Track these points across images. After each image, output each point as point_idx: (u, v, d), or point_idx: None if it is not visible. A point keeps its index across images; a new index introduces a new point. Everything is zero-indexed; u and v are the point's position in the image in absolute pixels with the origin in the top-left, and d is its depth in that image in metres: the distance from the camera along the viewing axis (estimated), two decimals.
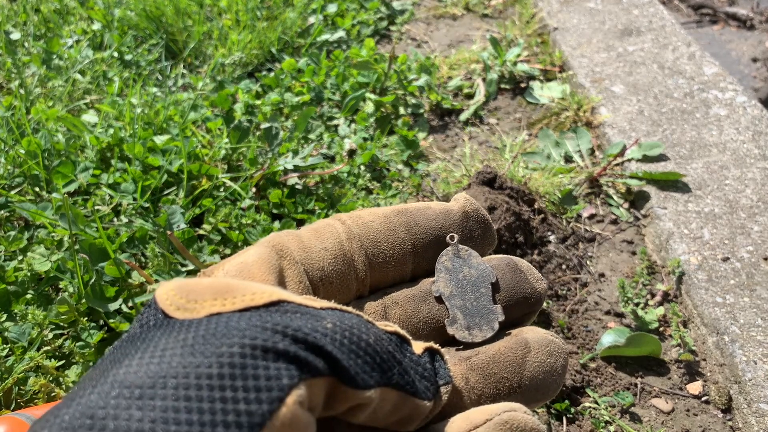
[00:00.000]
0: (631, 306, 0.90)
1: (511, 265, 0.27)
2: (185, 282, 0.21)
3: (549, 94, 1.37)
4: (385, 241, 0.26)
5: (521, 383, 0.24)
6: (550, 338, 0.26)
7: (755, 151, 1.14)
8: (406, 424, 0.22)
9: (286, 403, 0.16)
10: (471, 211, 0.28)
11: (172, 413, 0.15)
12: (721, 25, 1.76)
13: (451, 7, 1.78)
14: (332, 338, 0.19)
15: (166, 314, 0.19)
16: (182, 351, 0.17)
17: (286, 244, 0.25)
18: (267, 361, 0.17)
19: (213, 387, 0.16)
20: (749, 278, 0.90)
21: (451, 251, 0.27)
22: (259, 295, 0.20)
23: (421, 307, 0.26)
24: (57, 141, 1.05)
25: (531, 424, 0.22)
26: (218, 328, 0.18)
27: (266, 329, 0.18)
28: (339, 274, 0.25)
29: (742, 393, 0.77)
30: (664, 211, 1.03)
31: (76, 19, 1.58)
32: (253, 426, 0.16)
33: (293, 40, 1.54)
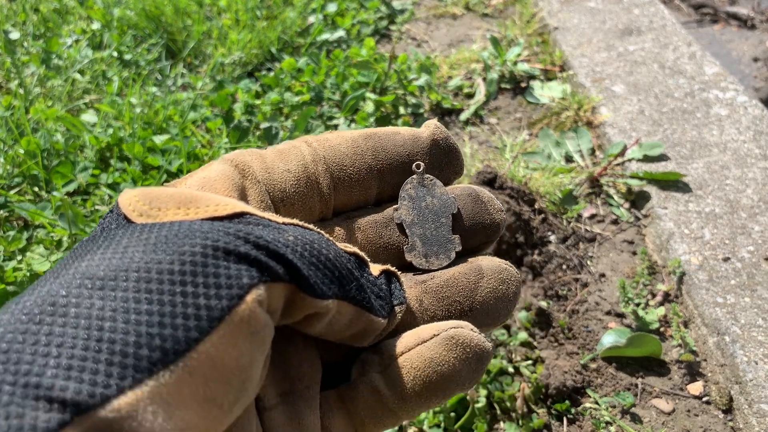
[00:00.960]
0: (632, 306, 0.90)
1: (473, 195, 0.28)
2: (149, 189, 0.21)
3: (549, 93, 1.37)
4: (352, 165, 0.26)
5: (473, 307, 0.25)
6: (504, 266, 0.26)
7: (756, 151, 1.14)
8: (360, 339, 0.23)
9: (245, 300, 0.17)
10: (440, 138, 0.28)
11: (133, 303, 0.16)
12: (721, 25, 1.75)
13: (451, 7, 1.77)
14: (293, 249, 0.19)
15: (128, 219, 0.19)
16: (144, 248, 0.17)
17: (248, 162, 0.25)
18: (228, 262, 0.17)
19: (174, 282, 0.16)
20: (750, 278, 0.90)
21: (416, 180, 0.27)
22: (223, 207, 0.20)
23: (382, 232, 0.27)
24: (56, 141, 1.04)
25: (476, 340, 0.23)
26: (181, 229, 0.18)
27: (229, 234, 0.18)
28: (301, 196, 0.25)
29: (742, 393, 0.76)
30: (665, 211, 1.02)
31: (75, 19, 1.58)
32: (212, 319, 0.16)
33: (293, 39, 1.54)
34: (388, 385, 0.23)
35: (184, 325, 0.16)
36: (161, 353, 0.15)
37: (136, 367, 0.15)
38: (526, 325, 0.87)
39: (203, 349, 0.16)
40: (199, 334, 0.16)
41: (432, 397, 0.23)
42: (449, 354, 0.22)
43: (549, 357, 0.83)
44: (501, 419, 0.76)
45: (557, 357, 0.84)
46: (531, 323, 0.87)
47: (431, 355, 0.22)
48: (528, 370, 0.81)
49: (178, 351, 0.15)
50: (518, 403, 0.77)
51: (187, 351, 0.16)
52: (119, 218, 0.20)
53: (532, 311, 0.88)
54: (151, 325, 0.16)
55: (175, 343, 0.16)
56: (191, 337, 0.16)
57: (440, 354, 0.22)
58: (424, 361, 0.23)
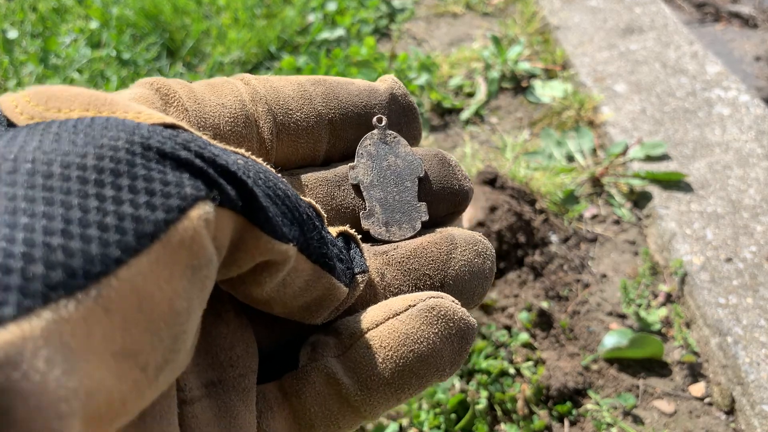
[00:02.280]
0: (634, 307, 0.89)
1: (440, 156, 0.24)
2: (45, 87, 0.15)
3: (551, 93, 1.36)
4: (299, 110, 0.22)
5: (444, 282, 0.21)
6: (478, 237, 0.22)
7: (759, 151, 1.13)
8: (314, 312, 0.18)
9: (188, 216, 0.12)
10: (399, 94, 0.24)
11: (24, 203, 0.11)
12: (723, 24, 1.75)
13: (451, 6, 1.77)
14: (245, 172, 0.14)
15: (12, 124, 0.14)
16: (42, 138, 0.12)
17: (173, 88, 0.20)
18: (164, 167, 0.13)
19: (86, 180, 0.12)
20: (752, 279, 0.89)
21: (377, 135, 0.23)
22: (147, 114, 0.14)
23: (334, 193, 0.22)
24: None
25: (460, 313, 0.19)
26: (96, 122, 0.13)
27: (163, 136, 0.13)
28: (238, 137, 0.20)
29: (745, 395, 0.76)
30: (667, 211, 1.02)
31: (73, 18, 1.57)
32: (142, 235, 0.11)
33: (292, 38, 1.53)
34: (348, 371, 0.18)
35: (101, 238, 0.11)
36: (65, 274, 0.10)
37: (24, 289, 0.10)
38: (527, 326, 0.86)
39: (126, 275, 0.11)
40: (121, 253, 0.11)
41: (405, 385, 0.18)
42: (429, 329, 0.18)
43: (550, 358, 0.83)
44: (502, 421, 0.76)
45: (558, 358, 0.83)
46: (532, 324, 0.87)
47: (406, 330, 0.18)
48: (529, 371, 0.80)
49: (91, 273, 0.11)
50: (519, 404, 0.76)
51: (103, 274, 0.11)
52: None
53: (533, 312, 0.87)
54: (50, 232, 0.10)
55: (87, 263, 0.11)
56: (110, 256, 0.11)
57: (418, 328, 0.18)
58: (397, 337, 0.18)
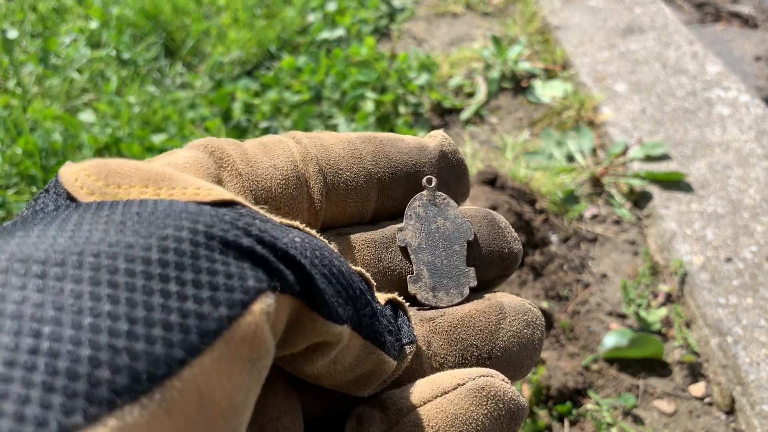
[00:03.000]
0: (634, 307, 0.89)
1: (490, 218, 0.23)
2: (103, 162, 0.15)
3: (551, 92, 1.36)
4: (349, 169, 0.21)
5: (492, 354, 0.20)
6: (527, 306, 0.22)
7: (759, 151, 1.13)
8: (363, 385, 0.18)
9: (251, 310, 0.12)
10: (449, 152, 0.24)
11: (90, 301, 0.11)
12: (723, 24, 1.75)
13: (451, 5, 1.77)
14: (303, 253, 0.14)
15: (73, 199, 0.14)
16: (107, 227, 0.12)
17: (227, 150, 0.20)
18: (227, 257, 0.13)
19: (151, 276, 0.11)
20: (752, 279, 0.89)
21: (425, 196, 0.23)
22: (206, 191, 0.14)
23: (382, 255, 0.22)
24: (54, 140, 1.04)
25: (511, 394, 0.18)
26: (159, 207, 0.13)
27: (224, 221, 0.13)
28: (289, 199, 0.20)
29: (745, 395, 0.76)
30: (667, 211, 1.02)
31: (73, 17, 1.57)
32: (205, 333, 0.11)
33: (292, 38, 1.53)
34: None
35: (165, 338, 0.11)
36: (130, 378, 0.10)
37: (91, 396, 0.10)
38: None
39: (190, 375, 0.11)
40: (185, 354, 0.11)
41: None
42: (478, 410, 0.18)
43: (550, 358, 0.83)
44: None
45: (558, 358, 0.83)
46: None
47: (455, 411, 0.18)
48: None
49: (155, 376, 0.10)
50: None
51: (167, 377, 0.11)
52: (59, 198, 0.14)
53: None
54: (115, 334, 0.10)
55: (151, 365, 0.10)
56: (174, 357, 0.11)
57: (467, 410, 0.18)
58: (445, 418, 0.18)
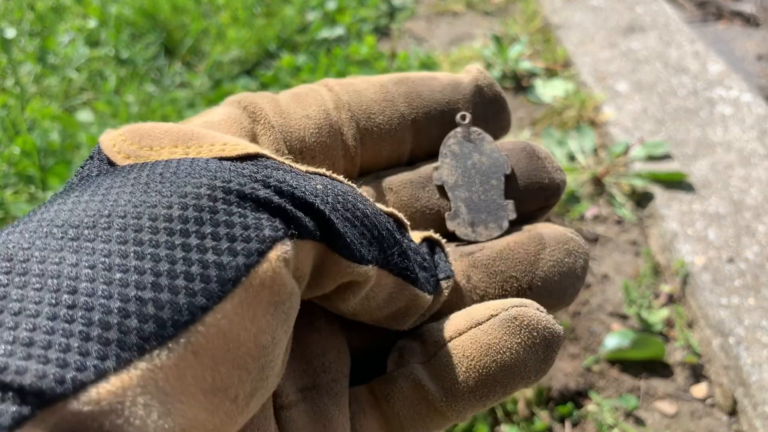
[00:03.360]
0: (635, 308, 0.89)
1: (528, 150, 0.23)
2: (138, 125, 0.17)
3: (552, 92, 1.35)
4: (381, 113, 0.22)
5: (532, 284, 0.21)
6: (569, 235, 0.22)
7: (761, 151, 1.13)
8: (400, 320, 0.19)
9: (267, 258, 0.13)
10: (485, 85, 0.23)
11: (118, 258, 0.12)
12: (725, 23, 1.74)
13: (452, 4, 1.76)
14: (323, 199, 0.15)
15: (112, 163, 0.16)
16: (133, 189, 0.14)
17: (260, 104, 0.21)
18: (244, 209, 0.14)
19: (173, 231, 0.13)
20: (755, 279, 0.89)
21: (460, 133, 0.22)
22: (232, 146, 0.16)
23: (419, 194, 0.22)
24: (52, 140, 1.03)
25: (545, 322, 0.18)
26: (181, 167, 0.14)
27: (243, 175, 0.14)
28: (323, 147, 0.21)
29: (747, 396, 0.75)
30: (669, 212, 1.01)
31: (71, 16, 1.56)
32: (224, 282, 0.13)
33: (292, 37, 1.52)
34: (433, 378, 0.19)
35: (187, 288, 0.12)
36: (156, 325, 0.12)
37: (122, 343, 0.11)
38: None
39: (212, 320, 0.12)
40: (207, 301, 0.12)
41: (490, 393, 0.18)
42: (512, 339, 0.18)
43: None
44: (502, 422, 0.75)
45: (559, 359, 0.83)
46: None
47: (489, 341, 0.18)
48: None
49: (179, 323, 0.12)
50: (520, 405, 0.76)
51: (191, 323, 0.12)
52: (101, 164, 0.16)
53: None
54: (141, 287, 0.12)
55: (175, 312, 0.12)
56: (197, 305, 0.12)
57: (500, 339, 0.18)
58: (480, 348, 0.18)
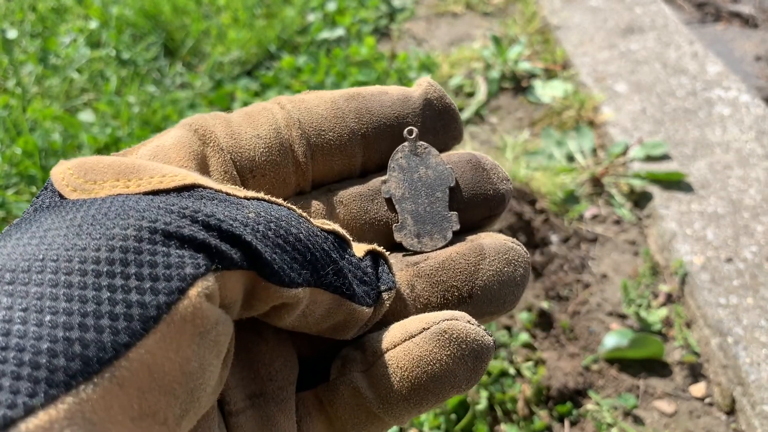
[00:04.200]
0: (634, 307, 0.89)
1: (474, 162, 0.24)
2: (85, 159, 0.18)
3: (551, 92, 1.36)
4: (331, 129, 0.23)
5: (473, 293, 0.22)
6: (510, 245, 0.23)
7: (759, 151, 1.13)
8: (341, 331, 0.20)
9: (188, 295, 0.14)
10: (434, 98, 0.24)
11: (49, 301, 0.13)
12: (724, 24, 1.75)
13: (451, 5, 1.76)
14: (254, 228, 0.16)
15: (61, 196, 0.17)
16: (67, 232, 0.15)
17: (210, 127, 0.22)
18: (168, 248, 0.15)
19: (100, 273, 0.14)
20: (753, 279, 0.89)
21: (407, 147, 0.24)
22: (170, 178, 0.17)
23: (368, 207, 0.23)
24: (53, 140, 1.03)
25: (474, 334, 0.20)
26: (112, 207, 0.16)
27: (171, 212, 0.16)
28: (273, 165, 0.22)
29: (745, 395, 0.76)
30: (668, 211, 1.02)
31: (73, 17, 1.57)
32: (146, 319, 0.14)
33: (292, 38, 1.53)
34: (371, 386, 0.20)
35: (111, 327, 0.13)
36: (82, 362, 0.13)
37: (50, 380, 0.12)
38: (527, 326, 0.86)
39: (136, 355, 0.13)
40: (129, 338, 0.13)
41: (422, 401, 0.20)
42: (441, 351, 0.19)
43: (550, 358, 0.83)
44: (502, 421, 0.76)
45: (559, 358, 0.83)
46: (532, 324, 0.86)
47: (420, 353, 0.19)
48: (529, 371, 0.80)
49: (104, 359, 0.13)
50: (519, 404, 0.76)
51: (115, 358, 0.13)
52: (53, 195, 0.17)
53: (534, 312, 0.87)
54: (69, 327, 0.13)
55: (100, 350, 0.13)
56: (120, 342, 0.13)
57: (430, 352, 0.19)
58: (412, 359, 0.19)
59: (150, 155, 0.21)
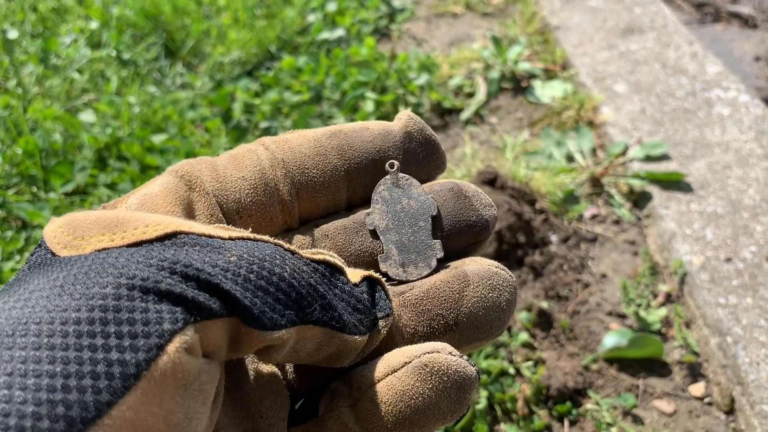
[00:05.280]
0: (634, 307, 0.89)
1: (455, 190, 0.24)
2: (74, 216, 0.19)
3: (551, 93, 1.36)
4: (315, 167, 0.24)
5: (458, 320, 0.22)
6: (494, 270, 0.23)
7: (758, 151, 1.13)
8: (336, 361, 0.21)
9: (166, 351, 0.15)
10: (414, 131, 0.25)
11: (32, 364, 0.14)
12: (723, 24, 1.75)
13: (451, 6, 1.77)
14: (234, 273, 0.17)
15: (53, 253, 0.17)
16: (50, 293, 0.15)
17: (195, 173, 0.23)
18: (147, 303, 0.15)
19: (81, 334, 0.14)
20: (752, 279, 0.89)
21: (389, 180, 0.25)
22: (153, 228, 0.18)
23: (353, 239, 0.24)
24: (54, 140, 1.04)
25: (455, 366, 0.20)
26: (93, 266, 0.16)
27: (150, 266, 0.16)
28: (259, 206, 0.23)
29: (744, 394, 0.76)
30: (667, 211, 1.02)
31: (73, 18, 1.57)
32: (126, 377, 0.14)
33: (292, 38, 1.53)
34: (358, 421, 0.20)
35: (93, 386, 0.14)
36: (66, 423, 0.13)
37: None
38: (527, 326, 0.86)
39: (118, 413, 0.14)
40: (111, 397, 0.14)
41: None
42: (423, 385, 0.20)
43: (550, 358, 0.83)
44: (502, 420, 0.76)
45: (558, 358, 0.83)
46: (532, 324, 0.87)
47: (402, 388, 0.20)
48: (529, 371, 0.80)
49: (87, 419, 0.13)
50: (519, 404, 0.76)
51: (98, 417, 0.13)
52: (46, 252, 0.18)
53: (533, 312, 0.87)
54: (52, 390, 0.13)
55: (83, 410, 0.13)
56: (102, 401, 0.14)
57: (412, 386, 0.20)
58: (395, 394, 0.20)
59: (138, 204, 0.21)
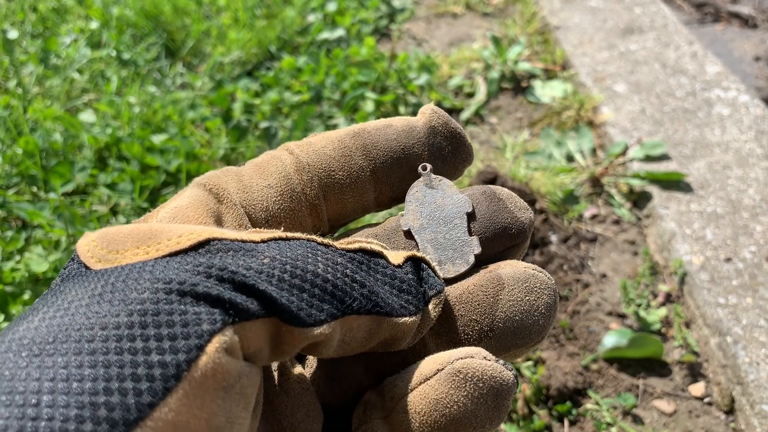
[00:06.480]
0: (633, 307, 0.89)
1: (488, 193, 0.24)
2: (107, 230, 0.19)
3: (551, 93, 1.36)
4: (340, 169, 0.23)
5: (494, 326, 0.21)
6: (530, 272, 0.22)
7: (758, 151, 1.13)
8: (393, 345, 0.20)
9: (206, 351, 0.15)
10: (438, 125, 0.25)
11: (74, 369, 0.14)
12: (723, 24, 1.75)
13: (451, 6, 1.77)
14: (269, 274, 0.17)
15: (87, 267, 0.18)
16: (89, 301, 0.16)
17: (222, 185, 0.23)
18: (185, 306, 0.15)
19: (121, 338, 0.14)
20: (752, 279, 0.89)
21: (422, 182, 0.24)
22: (186, 237, 0.18)
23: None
24: (54, 140, 1.04)
25: (490, 371, 0.19)
26: (131, 274, 0.16)
27: (186, 271, 0.16)
28: (288, 212, 0.23)
29: (744, 394, 0.76)
30: (667, 211, 1.02)
31: (73, 18, 1.57)
32: (167, 378, 0.14)
33: (292, 38, 1.53)
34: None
35: (135, 388, 0.14)
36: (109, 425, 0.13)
37: None
38: None
39: (160, 415, 0.14)
40: (152, 398, 0.14)
41: None
42: (457, 393, 0.19)
43: (550, 358, 0.83)
44: None
45: (558, 358, 0.83)
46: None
47: (436, 396, 0.19)
48: (529, 371, 0.80)
49: (129, 421, 0.13)
50: (519, 404, 0.76)
51: (140, 419, 0.13)
52: (80, 266, 0.18)
53: None
54: (94, 392, 0.13)
55: (125, 412, 0.13)
56: (143, 402, 0.14)
57: (446, 394, 0.19)
58: (429, 403, 0.19)
59: (170, 217, 0.21)
